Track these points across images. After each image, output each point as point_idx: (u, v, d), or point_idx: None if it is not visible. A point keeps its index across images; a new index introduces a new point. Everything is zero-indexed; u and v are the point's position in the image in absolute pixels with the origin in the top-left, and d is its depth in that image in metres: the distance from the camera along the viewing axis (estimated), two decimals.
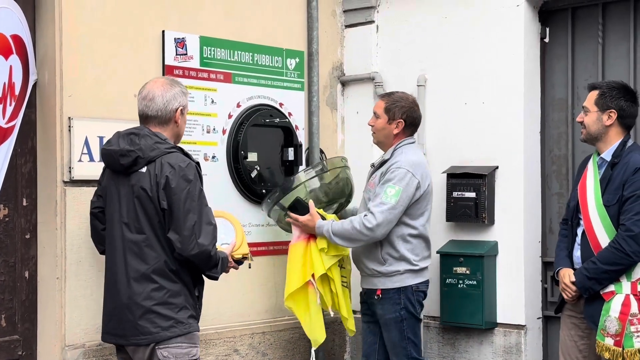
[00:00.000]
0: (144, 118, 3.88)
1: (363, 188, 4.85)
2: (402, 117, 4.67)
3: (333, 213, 4.92)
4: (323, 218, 4.68)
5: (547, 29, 5.14)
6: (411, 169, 4.55)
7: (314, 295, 4.69)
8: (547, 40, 5.15)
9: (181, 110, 3.90)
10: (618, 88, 4.22)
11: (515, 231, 5.05)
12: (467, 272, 5.05)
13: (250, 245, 5.00)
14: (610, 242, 4.08)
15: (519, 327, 5.04)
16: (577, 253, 4.26)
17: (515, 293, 5.05)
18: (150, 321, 3.74)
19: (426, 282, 4.68)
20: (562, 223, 4.47)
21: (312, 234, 4.70)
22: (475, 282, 5.04)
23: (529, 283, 5.06)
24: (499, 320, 5.11)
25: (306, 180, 4.84)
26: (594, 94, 4.25)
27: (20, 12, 4.16)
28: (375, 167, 4.77)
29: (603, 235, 4.12)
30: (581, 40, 5.05)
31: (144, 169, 3.78)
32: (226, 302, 4.97)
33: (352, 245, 4.66)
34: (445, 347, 5.24)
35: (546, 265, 5.14)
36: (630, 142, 4.23)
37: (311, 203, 4.70)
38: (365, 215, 4.53)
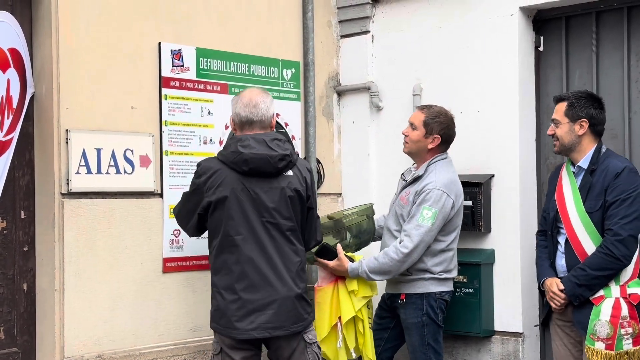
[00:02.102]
0: (249, 123, 4.13)
1: (356, 190, 4.82)
2: (440, 133, 4.66)
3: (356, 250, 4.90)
4: (351, 260, 4.66)
5: (542, 38, 5.17)
6: (446, 189, 4.57)
7: (338, 338, 4.65)
8: (541, 48, 5.17)
9: (277, 115, 4.42)
10: (585, 97, 4.30)
11: (511, 239, 5.06)
12: (464, 280, 5.07)
13: None
14: (598, 248, 4.11)
15: (517, 334, 5.06)
16: (561, 262, 4.29)
17: (513, 301, 5.06)
18: (303, 309, 4.14)
19: (449, 292, 4.70)
20: (538, 234, 4.53)
21: (339, 276, 4.66)
22: (472, 290, 5.06)
23: (526, 290, 5.07)
24: (496, 328, 5.12)
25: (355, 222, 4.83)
26: (562, 106, 4.31)
27: (17, 26, 4.18)
28: (408, 182, 4.75)
29: (588, 242, 4.16)
30: (575, 49, 5.08)
31: (290, 172, 4.15)
32: None
33: (391, 277, 4.65)
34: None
35: None
36: (604, 149, 4.29)
37: (339, 247, 4.65)
38: (400, 242, 4.55)
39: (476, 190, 5.07)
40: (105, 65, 4.53)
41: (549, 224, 4.38)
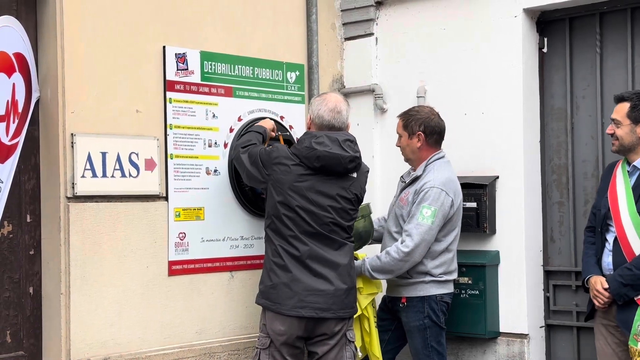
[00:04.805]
0: (329, 127, 4.38)
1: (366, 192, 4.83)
2: (420, 128, 4.71)
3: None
4: (355, 258, 4.67)
5: (545, 39, 5.17)
6: (444, 187, 4.60)
7: None
8: (545, 50, 5.17)
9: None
10: None
11: (516, 240, 5.06)
12: (469, 281, 5.07)
13: (253, 258, 5.07)
14: None
15: (522, 336, 5.06)
16: (607, 259, 4.29)
17: (518, 302, 5.06)
18: (353, 298, 4.42)
19: (450, 294, 4.71)
20: (587, 230, 4.49)
21: None
22: (477, 292, 5.06)
23: (531, 292, 5.07)
24: (501, 330, 5.12)
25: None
26: (624, 106, 4.28)
27: (22, 31, 4.19)
28: (407, 183, 4.78)
29: (637, 242, 4.14)
30: (579, 50, 5.08)
31: (355, 174, 4.39)
32: (230, 314, 4.99)
33: (393, 276, 4.67)
34: (448, 357, 5.24)
35: (548, 274, 5.16)
36: None
37: None
38: (402, 242, 4.57)
39: (481, 191, 5.07)
40: (110, 69, 4.54)
41: (599, 221, 4.35)
